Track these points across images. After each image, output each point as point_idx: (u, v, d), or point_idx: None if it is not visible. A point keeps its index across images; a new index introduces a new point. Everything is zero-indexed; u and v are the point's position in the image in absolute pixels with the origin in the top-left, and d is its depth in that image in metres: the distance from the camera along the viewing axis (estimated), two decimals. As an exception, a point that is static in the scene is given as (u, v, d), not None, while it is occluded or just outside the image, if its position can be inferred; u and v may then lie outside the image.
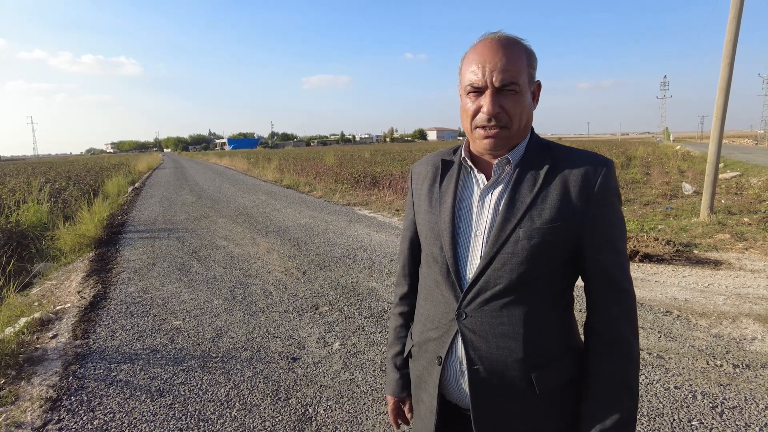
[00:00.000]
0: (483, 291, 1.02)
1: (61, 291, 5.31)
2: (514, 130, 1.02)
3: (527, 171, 1.03)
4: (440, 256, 1.07)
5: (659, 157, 23.97)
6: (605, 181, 1.00)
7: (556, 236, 0.98)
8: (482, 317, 1.02)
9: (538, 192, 1.00)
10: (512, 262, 0.99)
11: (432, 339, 1.11)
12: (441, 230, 1.08)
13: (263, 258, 6.31)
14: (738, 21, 7.48)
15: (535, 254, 0.98)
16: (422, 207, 1.16)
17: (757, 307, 4.10)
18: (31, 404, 2.90)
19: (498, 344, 1.01)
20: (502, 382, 1.02)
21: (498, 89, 0.98)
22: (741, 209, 8.67)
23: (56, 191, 12.84)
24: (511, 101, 0.99)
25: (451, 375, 1.07)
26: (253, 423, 2.66)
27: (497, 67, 0.97)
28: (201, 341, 3.76)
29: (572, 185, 0.99)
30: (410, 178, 1.26)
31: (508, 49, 0.99)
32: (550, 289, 1.03)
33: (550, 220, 0.98)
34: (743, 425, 2.49)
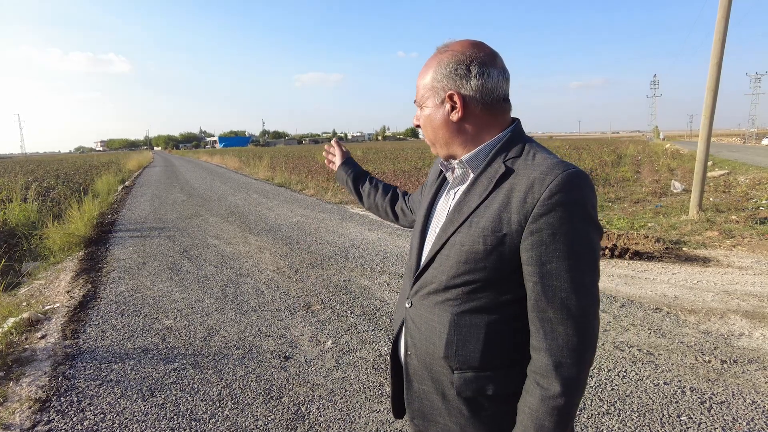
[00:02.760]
0: (423, 286, 1.07)
1: (50, 291, 5.25)
2: (431, 141, 1.09)
3: (484, 175, 1.00)
4: (413, 246, 1.16)
5: (649, 156, 24.19)
6: (553, 194, 0.88)
7: (485, 246, 0.94)
8: (420, 309, 1.08)
9: (485, 198, 0.97)
10: (446, 264, 1.01)
11: (397, 315, 1.23)
12: (418, 222, 1.18)
13: (255, 257, 6.29)
14: (726, 21, 7.56)
15: (464, 260, 0.97)
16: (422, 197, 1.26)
17: (744, 303, 4.16)
18: (20, 405, 2.87)
19: (427, 338, 1.05)
20: (429, 374, 1.07)
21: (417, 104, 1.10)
22: (729, 207, 8.78)
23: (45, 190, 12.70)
24: (422, 116, 1.08)
25: (400, 355, 1.19)
26: (246, 422, 2.65)
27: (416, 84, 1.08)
28: (192, 340, 3.74)
29: (515, 196, 0.92)
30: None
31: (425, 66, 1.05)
32: (481, 298, 0.98)
33: (483, 229, 0.95)
34: (731, 420, 2.53)
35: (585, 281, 0.90)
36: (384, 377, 3.10)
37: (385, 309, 4.25)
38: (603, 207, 9.52)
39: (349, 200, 11.43)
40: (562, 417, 0.90)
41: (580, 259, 0.90)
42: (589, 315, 0.91)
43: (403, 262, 5.75)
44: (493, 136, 1.02)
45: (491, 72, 0.99)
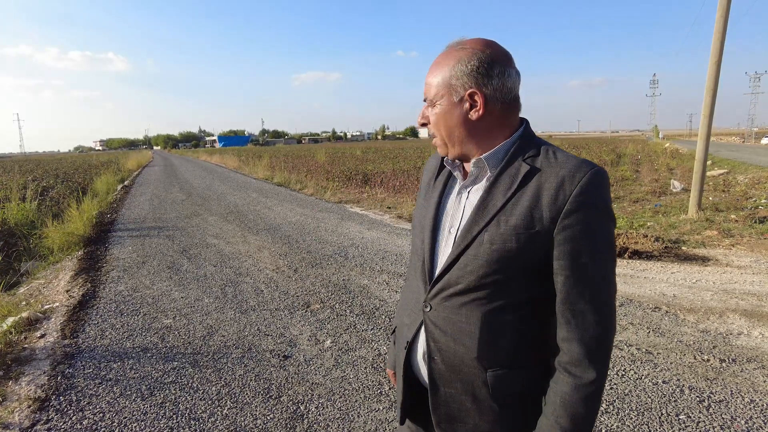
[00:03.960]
0: (446, 287, 1.04)
1: (49, 290, 5.25)
2: (442, 139, 1.05)
3: (505, 174, 1.00)
4: (420, 248, 1.12)
5: (648, 155, 24.20)
6: (583, 191, 0.91)
7: (518, 244, 0.95)
8: (443, 312, 1.05)
9: (510, 196, 0.97)
10: (474, 264, 0.99)
11: (405, 324, 1.17)
12: (425, 223, 1.12)
13: (254, 256, 6.29)
14: (725, 20, 7.56)
15: (496, 259, 0.97)
16: (420, 200, 1.22)
17: (743, 302, 4.16)
18: (19, 404, 2.87)
19: (455, 339, 1.03)
20: (458, 376, 1.05)
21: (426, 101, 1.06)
22: (728, 206, 8.78)
23: (44, 189, 12.70)
24: (433, 114, 1.04)
25: (417, 361, 1.14)
26: (245, 421, 2.66)
27: (426, 80, 1.04)
28: (192, 340, 3.74)
29: (545, 193, 0.94)
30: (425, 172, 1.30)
31: (437, 62, 1.03)
32: (510, 295, 1.00)
33: (515, 227, 0.95)
34: (729, 419, 2.53)
35: (609, 273, 0.96)
36: (383, 376, 3.10)
37: (384, 308, 4.25)
38: (602, 206, 9.52)
39: (349, 200, 11.43)
40: (594, 402, 0.96)
41: (606, 253, 0.95)
42: (613, 305, 0.97)
43: (403, 262, 5.75)
44: (507, 136, 1.03)
45: (510, 71, 0.99)
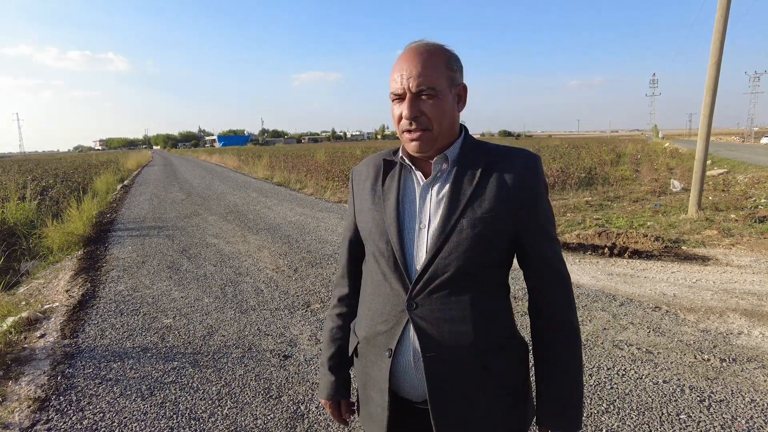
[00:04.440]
0: (432, 280, 1.05)
1: (49, 290, 5.25)
2: (437, 132, 1.06)
3: (465, 167, 1.09)
4: (387, 250, 1.10)
5: (648, 155, 24.21)
6: (535, 174, 1.09)
7: (495, 224, 1.05)
8: (432, 305, 1.06)
9: (477, 185, 1.06)
10: (458, 251, 1.04)
11: (381, 332, 1.12)
12: (387, 225, 1.11)
13: (254, 256, 6.29)
14: (725, 19, 7.56)
15: (478, 242, 1.04)
16: (365, 205, 1.19)
17: (743, 302, 4.16)
18: (19, 404, 2.87)
19: (449, 329, 1.05)
20: (456, 365, 1.06)
21: (415, 95, 1.04)
22: (728, 206, 8.79)
23: (43, 189, 12.69)
24: (429, 105, 1.04)
25: (403, 367, 1.09)
26: (245, 421, 2.65)
27: (413, 74, 1.03)
28: (192, 339, 3.73)
29: (507, 178, 1.06)
30: (351, 180, 1.28)
31: (423, 56, 1.04)
32: (492, 276, 1.10)
33: (490, 210, 1.05)
34: (730, 418, 2.53)
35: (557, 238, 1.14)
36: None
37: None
38: (603, 206, 9.53)
39: (347, 199, 11.43)
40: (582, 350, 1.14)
41: (555, 226, 1.14)
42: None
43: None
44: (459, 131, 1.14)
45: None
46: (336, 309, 1.32)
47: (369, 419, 1.20)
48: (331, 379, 1.29)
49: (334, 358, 1.30)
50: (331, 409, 1.32)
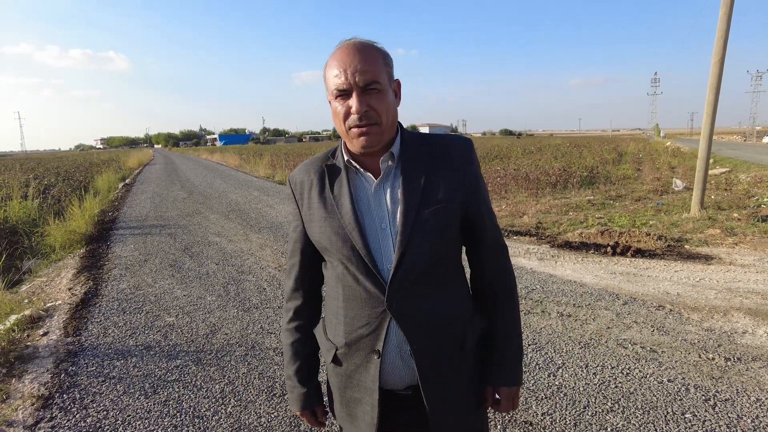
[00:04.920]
0: (406, 276, 1.08)
1: (51, 288, 5.25)
2: (384, 125, 1.07)
3: (409, 161, 1.12)
4: (354, 256, 1.09)
5: (650, 154, 24.16)
6: (472, 156, 1.17)
7: (451, 210, 1.12)
8: (410, 299, 1.09)
9: (426, 176, 1.11)
10: (425, 243, 1.08)
11: (364, 336, 1.12)
12: (349, 231, 1.10)
13: (256, 254, 6.28)
14: (728, 18, 7.54)
15: (441, 231, 1.10)
16: (316, 214, 1.16)
17: (747, 301, 4.15)
18: (23, 402, 2.87)
19: (429, 318, 1.11)
20: (440, 350, 1.13)
21: (362, 89, 1.04)
22: (731, 205, 8.76)
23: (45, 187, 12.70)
24: (376, 99, 1.05)
25: (390, 364, 1.12)
26: (249, 419, 2.65)
27: (358, 69, 1.03)
28: (195, 338, 3.73)
29: (449, 164, 1.14)
30: (290, 189, 1.24)
31: (365, 52, 1.05)
32: (455, 259, 1.19)
33: (444, 198, 1.10)
34: (735, 417, 2.52)
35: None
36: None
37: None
38: (605, 205, 9.51)
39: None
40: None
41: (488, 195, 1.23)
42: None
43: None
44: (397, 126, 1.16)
45: None
46: (294, 322, 1.30)
47: (351, 419, 1.22)
48: (303, 390, 1.29)
49: (302, 370, 1.30)
50: (308, 417, 1.33)
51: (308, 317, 1.31)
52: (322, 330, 1.26)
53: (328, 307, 1.23)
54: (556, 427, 2.49)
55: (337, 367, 1.20)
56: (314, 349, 1.31)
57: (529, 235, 6.92)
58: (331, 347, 1.20)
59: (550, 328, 3.70)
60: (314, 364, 1.33)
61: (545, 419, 2.56)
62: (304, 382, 1.30)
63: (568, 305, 4.15)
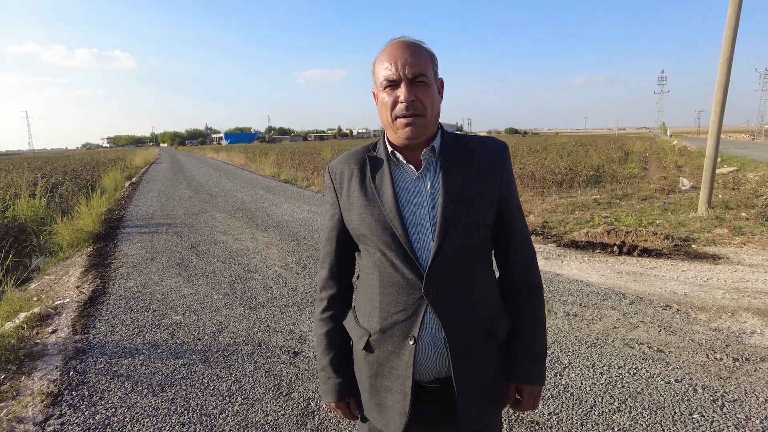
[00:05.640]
0: (443, 265, 1.12)
1: (59, 286, 5.29)
2: (428, 117, 1.13)
3: (449, 157, 1.17)
4: (393, 243, 1.13)
5: (656, 152, 24.02)
6: (506, 157, 1.22)
7: (487, 205, 1.17)
8: (446, 287, 1.13)
9: (464, 173, 1.16)
10: (462, 235, 1.13)
11: (399, 321, 1.15)
12: (390, 219, 1.13)
13: (262, 253, 6.30)
14: (737, 16, 7.47)
15: (477, 224, 1.15)
16: (356, 203, 1.20)
17: (755, 301, 4.12)
18: (32, 399, 2.90)
19: (464, 307, 1.14)
20: (472, 339, 1.16)
21: (411, 81, 1.10)
22: (738, 204, 8.70)
23: (53, 186, 12.79)
24: (422, 91, 1.11)
25: (423, 351, 1.14)
26: (256, 417, 2.66)
27: (408, 61, 1.09)
28: (201, 336, 3.75)
29: (487, 164, 1.19)
30: (330, 179, 1.28)
31: (414, 48, 1.12)
32: (487, 251, 1.23)
33: (481, 193, 1.16)
34: (744, 418, 2.51)
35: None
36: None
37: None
38: (611, 204, 9.47)
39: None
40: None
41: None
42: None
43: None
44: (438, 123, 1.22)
45: None
46: (328, 311, 1.31)
47: (379, 409, 1.23)
48: (339, 381, 1.30)
49: (338, 360, 1.31)
50: (342, 409, 1.33)
51: (342, 306, 1.33)
52: (353, 318, 1.27)
53: (361, 294, 1.25)
54: (562, 427, 2.49)
55: (368, 354, 1.21)
56: (348, 339, 1.32)
57: (535, 234, 6.90)
58: (364, 334, 1.22)
59: (557, 327, 3.69)
60: (348, 354, 1.33)
61: (552, 419, 2.56)
62: (339, 372, 1.30)
63: (575, 305, 4.14)
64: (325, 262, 1.32)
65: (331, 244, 1.29)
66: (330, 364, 1.30)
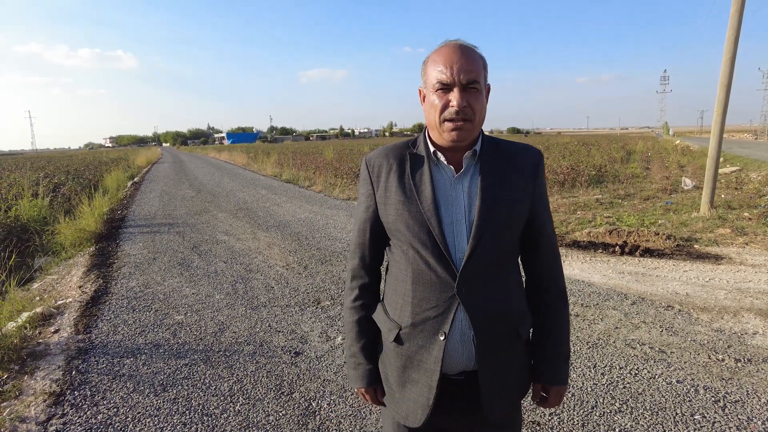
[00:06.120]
0: (476, 266, 1.15)
1: (62, 285, 5.31)
2: (476, 123, 1.14)
3: (488, 161, 1.20)
4: (429, 241, 1.15)
5: (659, 152, 23.97)
6: (541, 166, 1.26)
7: (521, 211, 1.20)
8: (478, 287, 1.16)
9: (501, 177, 1.19)
10: (496, 238, 1.16)
11: (431, 318, 1.18)
12: (427, 217, 1.15)
13: (264, 253, 6.31)
14: (740, 15, 7.46)
15: (510, 228, 1.19)
16: (393, 198, 1.21)
17: (758, 301, 4.11)
18: (35, 399, 2.91)
19: (493, 306, 1.18)
20: (499, 336, 1.20)
21: (464, 86, 1.11)
22: (741, 204, 8.68)
23: (56, 186, 12.82)
24: (473, 97, 1.12)
25: (452, 346, 1.18)
26: (257, 417, 2.67)
27: (463, 67, 1.10)
28: (203, 336, 3.76)
29: (523, 170, 1.22)
30: (367, 171, 1.29)
31: (469, 53, 1.13)
32: (515, 254, 1.27)
33: (516, 199, 1.19)
34: (745, 419, 2.50)
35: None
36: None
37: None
38: (613, 204, 9.45)
39: (357, 197, 11.42)
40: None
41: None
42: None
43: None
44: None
45: None
46: (360, 300, 1.34)
47: (403, 401, 1.26)
48: (369, 367, 1.34)
49: (368, 347, 1.35)
50: (371, 395, 1.37)
51: (373, 296, 1.36)
52: (382, 311, 1.30)
53: (392, 288, 1.27)
54: (563, 427, 2.48)
55: (398, 346, 1.24)
56: (377, 329, 1.34)
57: (536, 235, 6.89)
58: (395, 327, 1.24)
59: (558, 327, 3.68)
60: (378, 343, 1.35)
61: (553, 419, 2.56)
62: (370, 359, 1.34)
63: (576, 305, 4.13)
64: (357, 252, 1.33)
65: (365, 236, 1.31)
66: (361, 351, 1.34)
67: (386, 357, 1.30)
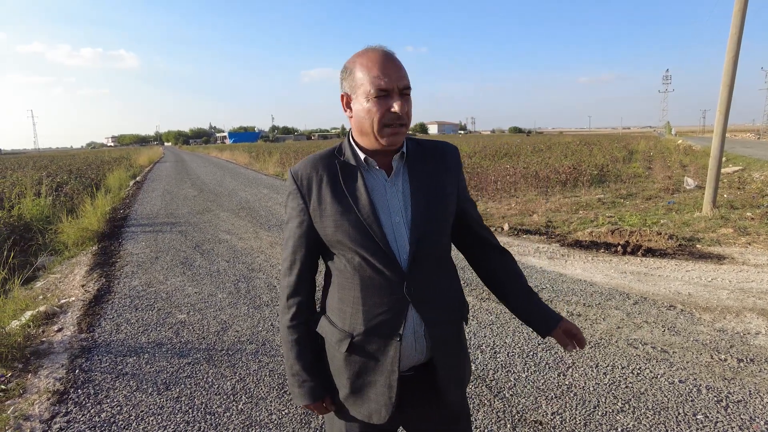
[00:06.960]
0: (421, 264, 1.20)
1: (65, 284, 5.32)
2: (408, 127, 1.20)
3: (415, 161, 1.26)
4: (374, 247, 1.17)
5: (661, 152, 23.92)
6: (459, 158, 1.36)
7: (452, 203, 1.29)
8: (424, 284, 1.21)
9: (430, 175, 1.25)
10: (435, 234, 1.23)
11: (384, 321, 1.20)
12: (368, 224, 1.17)
13: (266, 252, 6.32)
14: (742, 15, 7.44)
15: (446, 221, 1.27)
16: (329, 209, 1.20)
17: (760, 301, 4.11)
18: (39, 397, 2.92)
19: (440, 300, 1.26)
20: (448, 327, 1.28)
21: (402, 92, 1.16)
22: (744, 204, 8.66)
23: (58, 185, 12.85)
24: (408, 103, 1.18)
25: (406, 345, 1.21)
26: (260, 416, 2.68)
27: (400, 74, 1.15)
28: (206, 335, 3.77)
29: (446, 165, 1.30)
30: (295, 184, 1.26)
31: (398, 61, 1.18)
32: (450, 246, 1.35)
33: (446, 193, 1.27)
34: (748, 419, 2.50)
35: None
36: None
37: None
38: (615, 203, 9.44)
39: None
40: None
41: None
42: None
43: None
44: None
45: None
46: (299, 317, 1.30)
47: (361, 402, 1.26)
48: (315, 383, 1.31)
49: (312, 363, 1.31)
50: (319, 408, 1.34)
51: (311, 311, 1.34)
52: (327, 323, 1.28)
53: (337, 298, 1.26)
54: (566, 427, 2.49)
55: (351, 355, 1.24)
56: (317, 343, 1.33)
57: (538, 234, 6.90)
58: (345, 336, 1.23)
59: (560, 327, 3.68)
60: (319, 357, 1.35)
61: (555, 418, 2.56)
62: (315, 376, 1.31)
63: (578, 305, 4.13)
64: (292, 269, 1.30)
65: (300, 251, 1.28)
66: (304, 369, 1.30)
67: (336, 367, 1.29)
